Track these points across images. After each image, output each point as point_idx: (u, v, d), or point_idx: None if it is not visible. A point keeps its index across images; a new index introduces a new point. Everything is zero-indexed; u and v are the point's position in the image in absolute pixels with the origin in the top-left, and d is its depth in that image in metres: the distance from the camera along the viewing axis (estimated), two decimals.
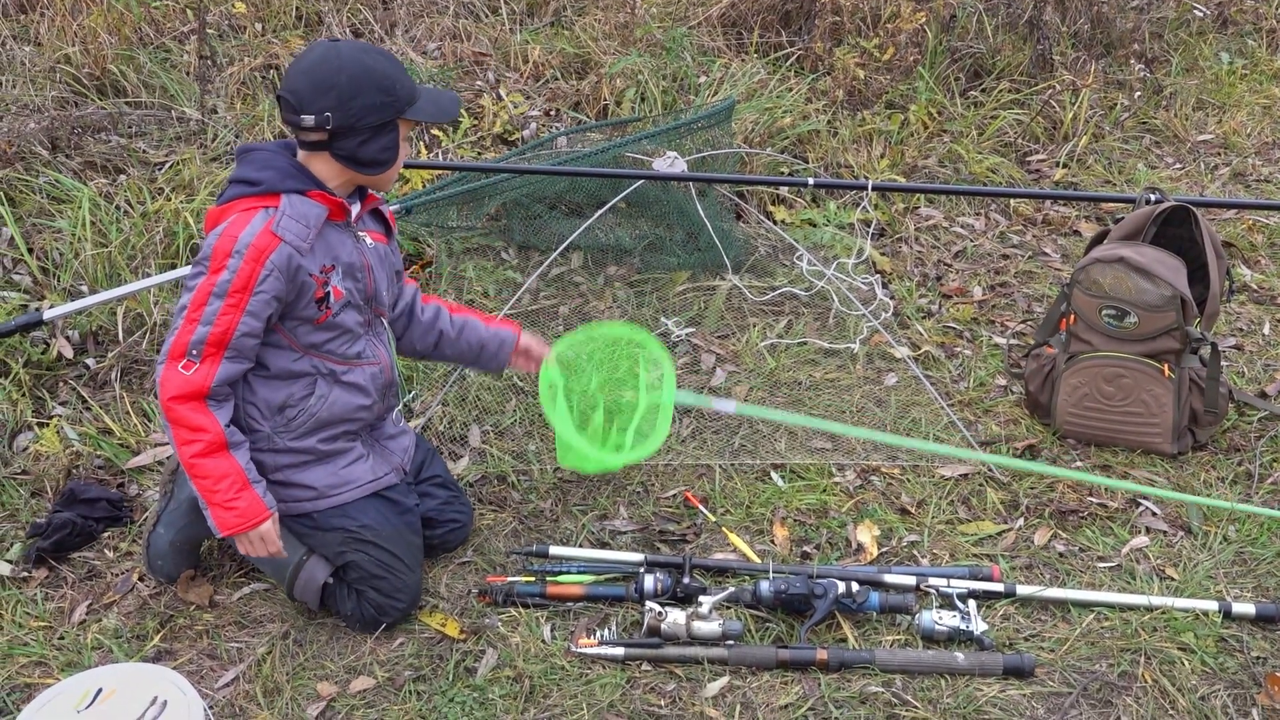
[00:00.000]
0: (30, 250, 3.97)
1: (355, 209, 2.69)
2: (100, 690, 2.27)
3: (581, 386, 3.16)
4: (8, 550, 3.06)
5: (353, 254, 2.67)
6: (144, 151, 4.58)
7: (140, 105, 4.87)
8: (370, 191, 2.74)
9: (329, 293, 2.61)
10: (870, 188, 4.02)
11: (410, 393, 3.32)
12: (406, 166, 4.28)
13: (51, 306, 3.67)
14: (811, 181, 4.00)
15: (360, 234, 2.72)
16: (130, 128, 4.74)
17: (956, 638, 2.80)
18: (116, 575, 2.99)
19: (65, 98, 4.84)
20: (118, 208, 4.12)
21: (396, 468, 2.88)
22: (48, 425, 3.39)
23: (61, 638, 2.81)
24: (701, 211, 4.25)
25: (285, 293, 2.53)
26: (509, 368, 3.11)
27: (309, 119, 2.49)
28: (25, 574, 2.99)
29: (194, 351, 2.48)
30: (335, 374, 2.69)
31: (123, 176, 4.39)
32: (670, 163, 4.08)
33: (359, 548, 2.74)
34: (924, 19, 5.50)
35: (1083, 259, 3.54)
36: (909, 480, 3.40)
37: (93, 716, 2.22)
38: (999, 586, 2.93)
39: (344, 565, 2.77)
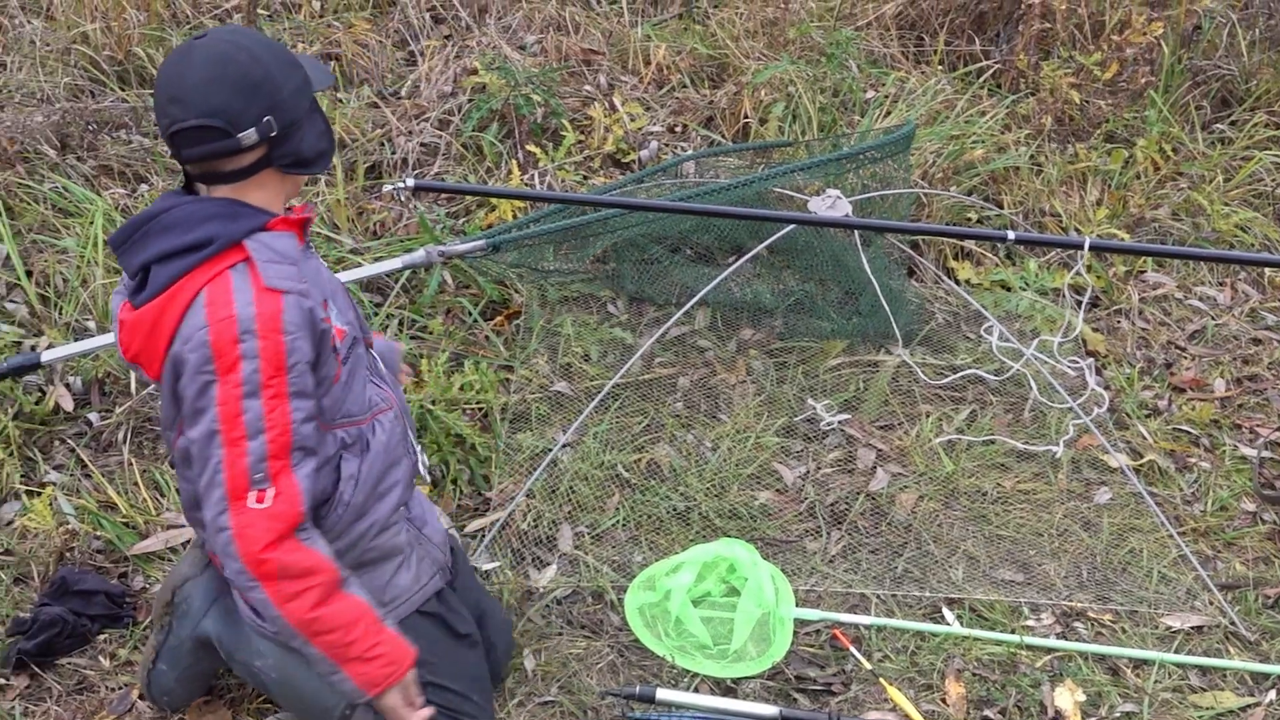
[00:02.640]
0: (29, 274, 4.08)
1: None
2: None
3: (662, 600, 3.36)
4: None
5: (330, 280, 2.62)
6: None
7: None
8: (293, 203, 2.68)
9: (333, 334, 2.54)
10: (1087, 246, 3.90)
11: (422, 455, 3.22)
12: (495, 195, 4.35)
13: (51, 346, 3.77)
14: (1012, 236, 3.88)
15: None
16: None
17: None
18: (112, 690, 3.03)
19: (80, 86, 5.01)
20: None
21: (441, 566, 2.83)
22: (39, 495, 3.45)
23: None
24: (866, 265, 4.25)
25: (312, 354, 2.45)
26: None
27: (250, 134, 2.39)
28: (2, 680, 3.04)
29: (258, 476, 2.35)
30: (358, 440, 2.62)
31: (144, 186, 4.53)
32: (830, 203, 4.07)
33: None
34: (1160, 30, 5.48)
35: None
36: (1125, 630, 3.35)
37: None
38: None
39: None
